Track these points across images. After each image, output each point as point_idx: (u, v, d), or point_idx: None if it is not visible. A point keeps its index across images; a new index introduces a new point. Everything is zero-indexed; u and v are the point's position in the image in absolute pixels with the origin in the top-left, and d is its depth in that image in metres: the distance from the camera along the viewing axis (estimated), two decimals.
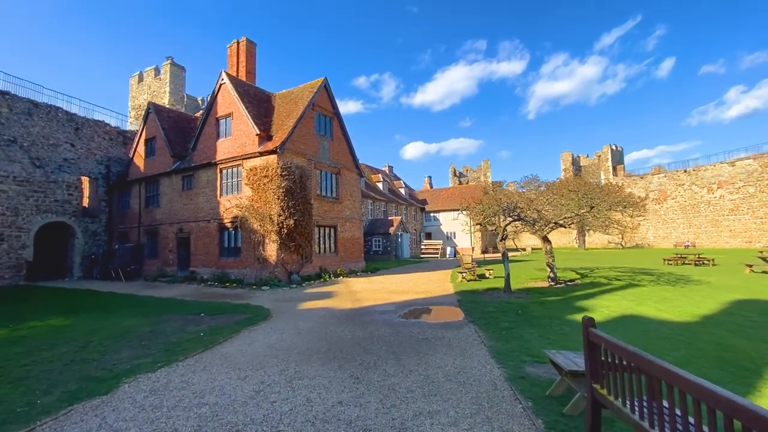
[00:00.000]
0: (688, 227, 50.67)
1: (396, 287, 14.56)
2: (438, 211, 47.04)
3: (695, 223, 49.81)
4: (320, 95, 19.88)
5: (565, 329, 7.42)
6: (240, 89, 18.83)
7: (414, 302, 11.17)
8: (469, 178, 73.44)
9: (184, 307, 10.84)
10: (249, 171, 17.22)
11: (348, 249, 21.11)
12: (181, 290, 15.38)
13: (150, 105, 22.75)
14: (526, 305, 10.10)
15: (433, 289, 13.72)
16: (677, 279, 15.31)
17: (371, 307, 10.44)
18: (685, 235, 51.20)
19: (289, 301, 11.82)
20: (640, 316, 8.55)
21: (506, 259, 12.34)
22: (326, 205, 19.58)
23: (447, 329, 7.62)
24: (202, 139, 19.83)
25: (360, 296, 12.50)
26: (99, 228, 24.37)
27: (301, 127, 18.33)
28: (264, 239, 16.53)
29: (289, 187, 16.60)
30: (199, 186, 19.53)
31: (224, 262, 18.06)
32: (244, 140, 17.96)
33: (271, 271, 16.21)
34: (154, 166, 22.17)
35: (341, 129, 21.53)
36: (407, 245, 36.23)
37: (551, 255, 14.83)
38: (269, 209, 16.42)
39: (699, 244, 49.65)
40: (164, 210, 21.35)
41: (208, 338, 7.09)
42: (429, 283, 15.83)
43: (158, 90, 30.95)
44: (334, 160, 20.48)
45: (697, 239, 50.50)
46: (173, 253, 20.69)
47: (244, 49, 22.21)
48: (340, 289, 14.34)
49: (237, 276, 17.16)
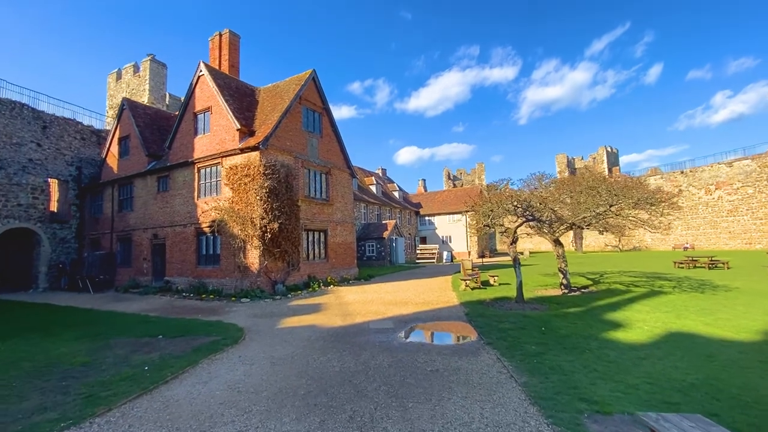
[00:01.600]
0: (686, 229, 49.90)
1: (393, 297, 12.97)
2: (433, 214, 45.62)
3: (693, 225, 49.07)
4: (308, 88, 18.35)
5: (609, 354, 5.91)
6: (220, 81, 17.22)
7: (415, 317, 9.60)
8: (464, 181, 72.35)
9: (144, 326, 9.13)
10: (229, 170, 15.57)
11: (339, 255, 19.48)
12: (150, 303, 13.62)
13: (124, 101, 20.99)
14: (547, 319, 8.59)
15: (435, 300, 12.16)
16: (700, 284, 13.96)
17: (365, 324, 8.84)
18: (683, 237, 50.42)
19: (269, 317, 10.16)
20: (691, 334, 7.08)
21: (518, 265, 10.85)
22: (315, 208, 17.97)
23: (461, 356, 6.06)
24: (178, 136, 18.14)
25: (352, 309, 10.89)
26: (69, 234, 22.41)
27: (287, 122, 16.76)
28: (245, 245, 14.85)
29: (273, 187, 14.97)
30: (175, 187, 17.80)
31: (202, 270, 16.31)
32: (224, 136, 16.32)
33: (253, 281, 14.52)
34: (128, 166, 20.37)
35: (331, 126, 20.00)
36: (402, 250, 34.69)
37: (564, 260, 13.39)
38: (251, 212, 14.77)
39: (698, 246, 48.87)
40: (138, 214, 19.54)
41: (153, 374, 5.43)
42: (429, 291, 14.27)
43: (137, 88, 29.16)
44: (323, 159, 18.92)
45: (695, 241, 49.73)
46: (147, 262, 18.87)
47: (226, 42, 20.63)
48: (329, 301, 12.71)
49: (216, 286, 15.44)
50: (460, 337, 7.63)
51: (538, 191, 10.85)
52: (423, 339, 7.51)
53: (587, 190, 10.75)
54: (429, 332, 8.27)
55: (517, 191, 12.11)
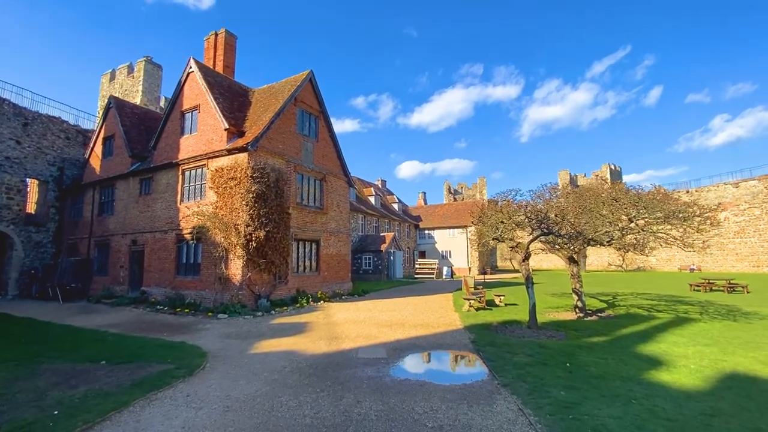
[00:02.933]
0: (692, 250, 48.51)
1: (388, 317, 11.58)
2: (433, 228, 44.31)
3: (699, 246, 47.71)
4: (304, 90, 17.31)
5: (664, 406, 4.55)
6: (210, 79, 16.17)
7: (413, 343, 8.22)
8: (465, 195, 71.32)
9: (93, 347, 7.74)
10: (215, 172, 14.35)
11: (332, 267, 18.10)
12: (117, 317, 12.20)
13: (111, 99, 19.93)
14: (570, 351, 7.23)
15: (436, 321, 10.77)
16: (728, 311, 12.62)
17: (353, 351, 7.46)
18: (689, 259, 49.07)
19: (243, 337, 8.77)
20: (752, 377, 5.73)
21: (531, 284, 9.52)
22: (308, 216, 16.69)
23: (471, 403, 4.70)
24: (164, 136, 16.98)
25: (340, 331, 9.50)
26: (45, 238, 21.03)
27: (280, 123, 15.64)
28: (227, 254, 13.51)
29: (261, 192, 13.73)
30: (158, 190, 16.55)
31: (180, 281, 14.92)
32: (211, 136, 15.17)
33: (234, 294, 13.13)
34: (111, 167, 19.17)
35: (328, 130, 18.90)
36: (400, 264, 33.25)
37: (578, 279, 12.07)
38: (235, 218, 13.49)
39: (704, 267, 47.50)
40: (118, 218, 18.23)
41: (59, 424, 4.05)
42: (428, 311, 12.88)
43: (130, 88, 28.21)
44: (318, 165, 17.74)
45: (701, 262, 48.39)
46: (124, 270, 17.47)
47: (222, 42, 19.71)
48: (316, 320, 11.30)
49: (194, 299, 14.03)
50: (468, 373, 6.27)
51: (554, 202, 9.61)
52: (422, 375, 6.14)
53: (611, 202, 9.53)
54: (429, 365, 6.89)
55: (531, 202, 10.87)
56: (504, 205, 9.62)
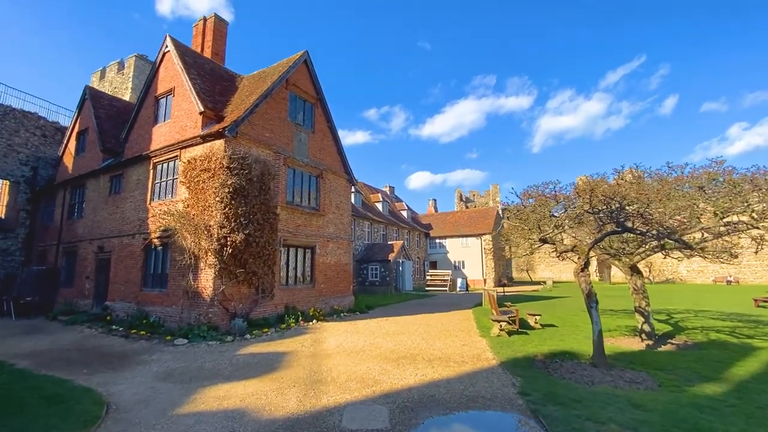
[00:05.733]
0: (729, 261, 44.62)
1: (394, 345, 8.84)
2: (444, 237, 41.41)
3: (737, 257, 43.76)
4: (298, 72, 14.97)
5: None
6: (189, 59, 13.93)
7: (429, 394, 5.49)
8: (477, 203, 68.36)
9: None
10: (187, 164, 11.94)
11: (330, 279, 15.44)
12: (55, 341, 9.71)
13: (86, 89, 17.87)
14: (685, 416, 4.42)
15: (459, 352, 8.00)
16: None
17: (336, 411, 4.77)
18: (724, 270, 45.17)
19: (188, 380, 6.15)
20: None
21: (595, 304, 6.74)
22: (300, 218, 14.14)
23: None
24: (136, 126, 14.74)
25: (327, 369, 6.81)
26: (14, 245, 18.85)
27: (268, 108, 13.26)
28: (197, 262, 10.99)
29: (239, 187, 11.25)
30: (128, 188, 14.23)
31: (146, 295, 12.43)
32: (185, 122, 12.83)
33: (203, 312, 10.55)
34: (83, 165, 16.98)
35: (327, 122, 16.48)
36: (410, 275, 30.42)
37: (645, 296, 9.22)
38: (207, 218, 11.00)
39: (742, 280, 43.55)
40: (87, 222, 15.94)
41: None
42: (447, 335, 10.10)
43: (120, 86, 26.42)
44: (314, 159, 15.27)
45: (738, 274, 44.46)
46: (90, 281, 15.07)
47: (211, 28, 17.63)
48: (300, 348, 8.62)
49: (159, 316, 11.51)
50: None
51: (623, 189, 6.83)
52: None
53: (728, 186, 6.76)
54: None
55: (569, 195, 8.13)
56: (553, 196, 6.90)
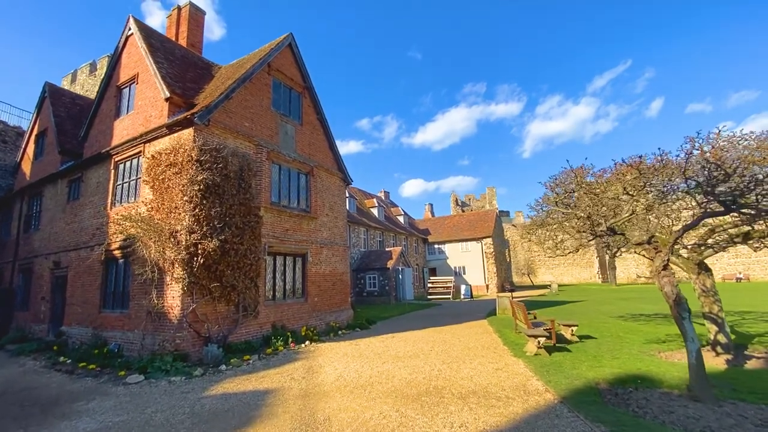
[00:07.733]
0: (735, 257, 43.54)
1: (410, 374, 6.92)
2: (443, 242, 39.60)
3: (744, 252, 42.63)
4: (282, 57, 13.21)
5: None
6: (155, 42, 12.11)
7: None
8: (473, 207, 66.88)
9: None
10: (151, 160, 10.00)
11: (325, 291, 13.49)
12: None
13: (45, 86, 15.90)
14: None
15: (496, 382, 6.12)
16: None
17: None
18: (732, 267, 43.93)
19: None
20: None
21: (688, 314, 4.95)
22: (288, 221, 12.23)
23: None
24: (96, 121, 12.82)
25: (325, 419, 4.88)
26: None
27: (247, 94, 11.45)
28: (162, 276, 9.01)
29: (212, 184, 9.34)
30: (87, 193, 12.23)
31: (105, 318, 10.37)
32: (150, 112, 10.95)
33: (170, 338, 8.54)
34: (41, 170, 14.95)
35: (317, 113, 14.70)
36: (410, 283, 28.48)
37: (715, 298, 7.45)
38: (174, 222, 9.06)
39: (753, 277, 42.31)
40: (43, 234, 13.86)
41: None
42: (472, 355, 8.19)
43: (92, 88, 24.48)
44: (304, 154, 13.44)
45: (748, 270, 43.23)
46: (46, 302, 12.95)
47: (186, 17, 15.85)
48: (289, 385, 6.65)
49: (119, 343, 9.49)
50: None
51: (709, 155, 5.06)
52: None
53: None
54: None
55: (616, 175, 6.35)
56: (637, 165, 5.05)
